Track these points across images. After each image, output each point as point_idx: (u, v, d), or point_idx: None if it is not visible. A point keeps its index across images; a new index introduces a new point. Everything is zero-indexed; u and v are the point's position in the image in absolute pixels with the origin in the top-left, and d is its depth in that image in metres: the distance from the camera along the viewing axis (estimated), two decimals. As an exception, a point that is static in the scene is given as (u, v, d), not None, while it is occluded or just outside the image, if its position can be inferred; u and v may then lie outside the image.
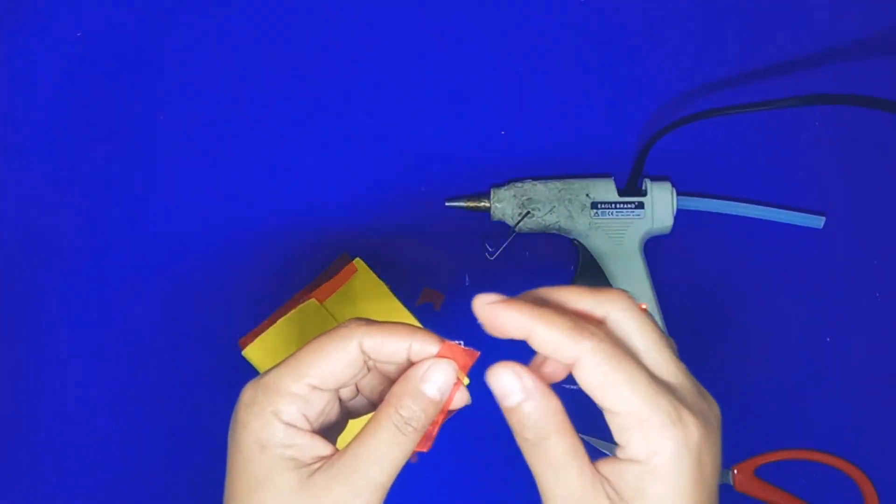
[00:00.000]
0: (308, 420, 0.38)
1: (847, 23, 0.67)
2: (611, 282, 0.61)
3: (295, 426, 0.37)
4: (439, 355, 0.38)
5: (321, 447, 0.38)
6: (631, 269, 0.61)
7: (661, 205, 0.62)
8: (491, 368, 0.36)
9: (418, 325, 0.62)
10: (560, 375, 0.38)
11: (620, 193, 0.62)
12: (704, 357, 0.62)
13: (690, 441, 0.34)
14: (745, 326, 0.63)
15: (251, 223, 0.64)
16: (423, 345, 0.38)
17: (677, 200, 0.62)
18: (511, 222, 0.62)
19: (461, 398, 0.39)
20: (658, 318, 0.61)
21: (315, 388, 0.37)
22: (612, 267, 0.61)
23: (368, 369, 0.40)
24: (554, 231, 0.62)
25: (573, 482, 0.35)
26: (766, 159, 0.65)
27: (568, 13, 0.67)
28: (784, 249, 0.64)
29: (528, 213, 0.61)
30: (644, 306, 0.61)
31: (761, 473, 0.61)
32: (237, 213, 0.64)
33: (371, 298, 0.61)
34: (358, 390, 0.42)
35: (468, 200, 0.63)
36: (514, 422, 0.37)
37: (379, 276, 0.62)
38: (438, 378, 0.37)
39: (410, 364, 0.38)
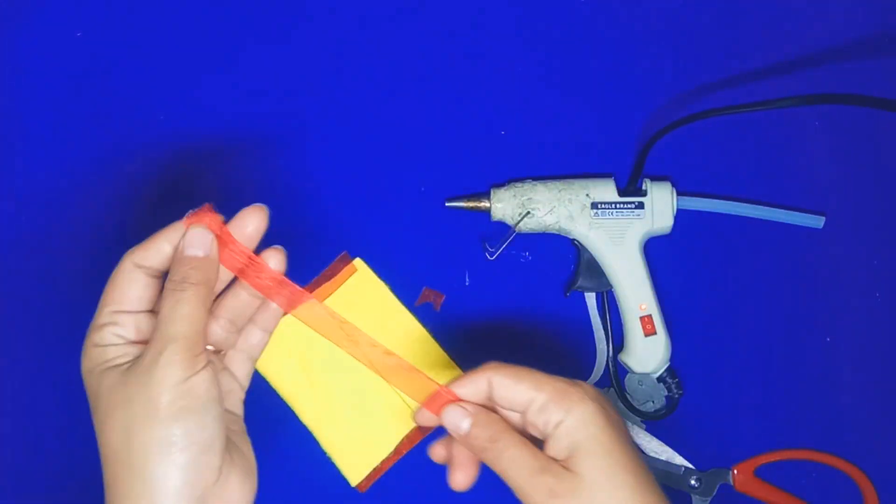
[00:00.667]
0: (126, 338, 0.44)
1: (847, 23, 0.67)
2: (611, 282, 0.61)
3: (111, 344, 0.43)
4: (186, 226, 0.45)
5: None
6: (631, 269, 0.61)
7: (661, 205, 0.61)
8: (443, 412, 0.47)
9: (418, 324, 0.62)
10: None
11: (620, 193, 0.62)
12: (704, 357, 0.62)
13: (595, 400, 0.45)
14: (745, 326, 0.63)
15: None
16: (178, 233, 0.45)
17: (677, 200, 0.62)
18: (511, 222, 0.62)
19: (255, 220, 0.47)
20: (658, 317, 0.61)
21: (117, 311, 0.44)
22: (612, 267, 0.61)
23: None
24: (554, 231, 0.62)
25: (532, 460, 0.44)
26: (766, 159, 0.65)
27: (568, 13, 0.67)
28: (784, 249, 0.64)
29: (528, 213, 0.61)
30: (644, 306, 0.61)
31: (761, 473, 0.61)
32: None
33: (371, 298, 0.61)
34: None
35: (468, 200, 0.63)
36: (470, 442, 0.46)
37: (379, 276, 0.61)
38: (192, 239, 0.45)
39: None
